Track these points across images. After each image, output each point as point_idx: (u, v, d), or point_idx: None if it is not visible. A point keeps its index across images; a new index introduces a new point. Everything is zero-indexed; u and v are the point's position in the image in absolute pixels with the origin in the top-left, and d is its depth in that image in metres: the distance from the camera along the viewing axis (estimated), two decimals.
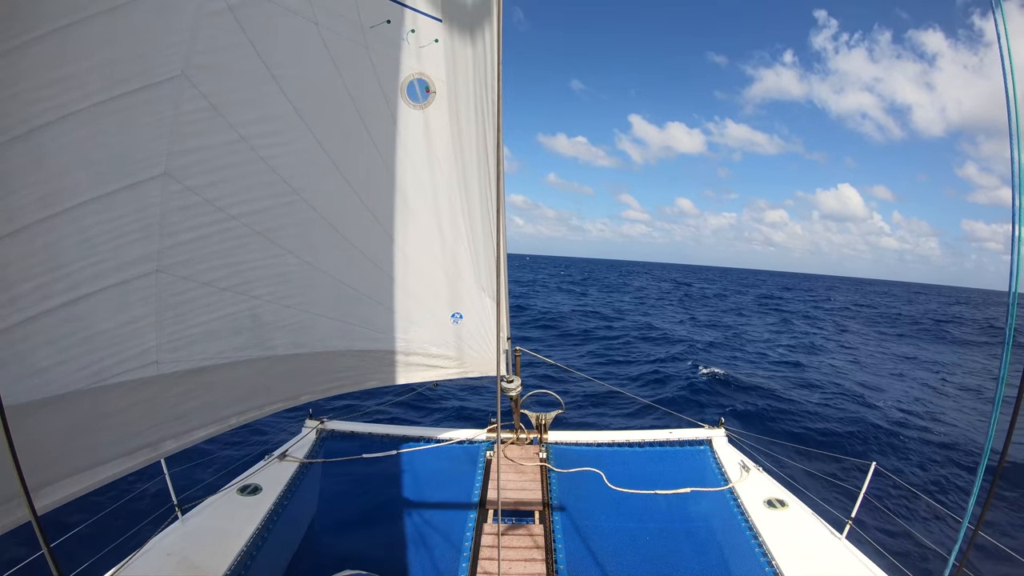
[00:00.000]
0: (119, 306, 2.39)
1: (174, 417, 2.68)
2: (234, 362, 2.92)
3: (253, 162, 2.77)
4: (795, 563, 3.14)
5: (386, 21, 3.10)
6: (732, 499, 3.84)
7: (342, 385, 3.66)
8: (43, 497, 2.19)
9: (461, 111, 3.50)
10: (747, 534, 3.45)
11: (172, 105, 2.40)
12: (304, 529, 3.64)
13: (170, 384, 2.63)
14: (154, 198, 2.42)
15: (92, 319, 2.30)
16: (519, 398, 4.69)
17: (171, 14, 2.34)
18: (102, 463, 2.39)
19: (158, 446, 2.61)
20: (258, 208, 2.85)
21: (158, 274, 2.51)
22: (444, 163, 3.60)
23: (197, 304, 2.69)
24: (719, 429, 4.75)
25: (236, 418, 3.01)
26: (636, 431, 4.91)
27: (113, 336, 2.39)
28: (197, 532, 3.38)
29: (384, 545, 3.51)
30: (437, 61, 3.33)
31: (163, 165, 2.43)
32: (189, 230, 2.58)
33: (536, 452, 4.58)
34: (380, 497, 4.04)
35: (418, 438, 4.77)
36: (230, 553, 3.18)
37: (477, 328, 4.13)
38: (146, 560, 3.10)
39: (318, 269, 3.25)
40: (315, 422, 4.97)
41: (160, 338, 2.57)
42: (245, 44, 2.61)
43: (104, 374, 2.37)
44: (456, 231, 3.81)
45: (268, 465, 4.22)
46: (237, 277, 2.85)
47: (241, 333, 2.93)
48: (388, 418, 8.56)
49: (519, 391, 4.49)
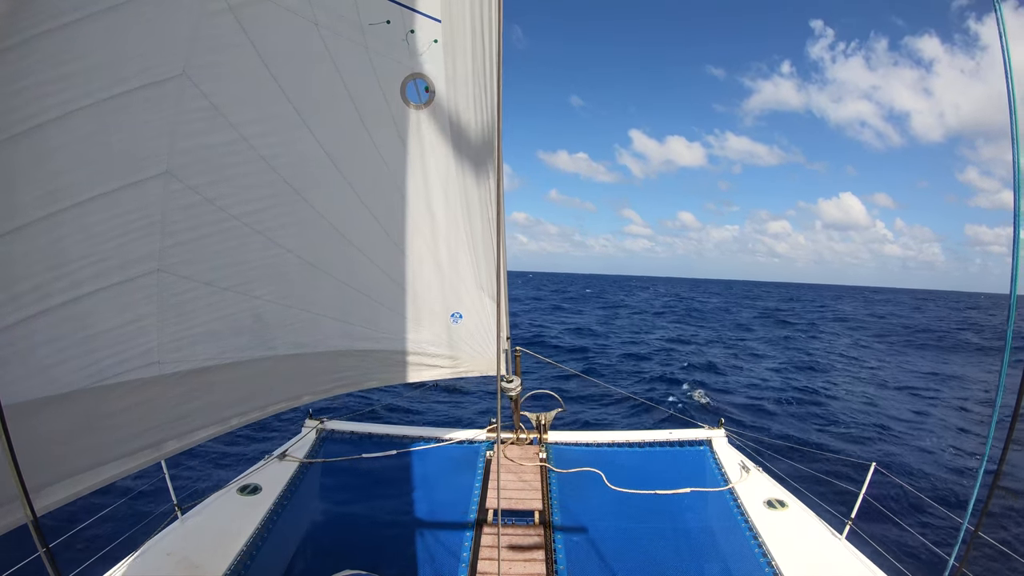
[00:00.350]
0: (121, 305, 2.39)
1: (176, 417, 2.68)
2: (236, 362, 2.92)
3: (254, 161, 2.77)
4: (795, 563, 3.14)
5: (386, 21, 3.10)
6: (732, 499, 3.83)
7: (343, 385, 3.67)
8: (43, 498, 2.18)
9: (461, 111, 3.49)
10: (747, 534, 3.45)
11: (173, 104, 2.41)
12: (304, 529, 3.64)
13: (172, 384, 2.63)
14: (156, 196, 2.43)
15: (94, 318, 2.30)
16: (519, 398, 4.69)
17: (172, 13, 2.34)
18: (103, 463, 2.39)
19: (160, 446, 2.61)
20: (259, 207, 2.85)
21: (160, 273, 2.51)
22: (444, 163, 3.60)
23: (199, 304, 2.69)
24: (719, 429, 4.75)
25: (238, 419, 3.01)
26: (636, 431, 4.91)
27: (115, 335, 2.39)
28: (197, 532, 3.38)
29: (384, 545, 3.50)
30: (437, 62, 3.33)
31: (165, 164, 2.43)
32: (190, 229, 2.59)
33: (536, 452, 4.58)
34: (380, 497, 4.04)
35: (418, 438, 4.77)
36: (230, 553, 3.18)
37: (477, 328, 4.13)
38: (146, 560, 3.10)
39: (319, 269, 3.25)
40: (315, 422, 4.97)
41: (162, 338, 2.57)
42: (246, 44, 2.61)
43: (105, 373, 2.36)
44: (456, 231, 3.81)
45: (268, 465, 4.22)
46: (238, 277, 2.85)
47: (243, 333, 2.93)
48: (388, 418, 8.55)
49: (519, 391, 4.49)
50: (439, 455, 4.57)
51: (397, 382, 3.96)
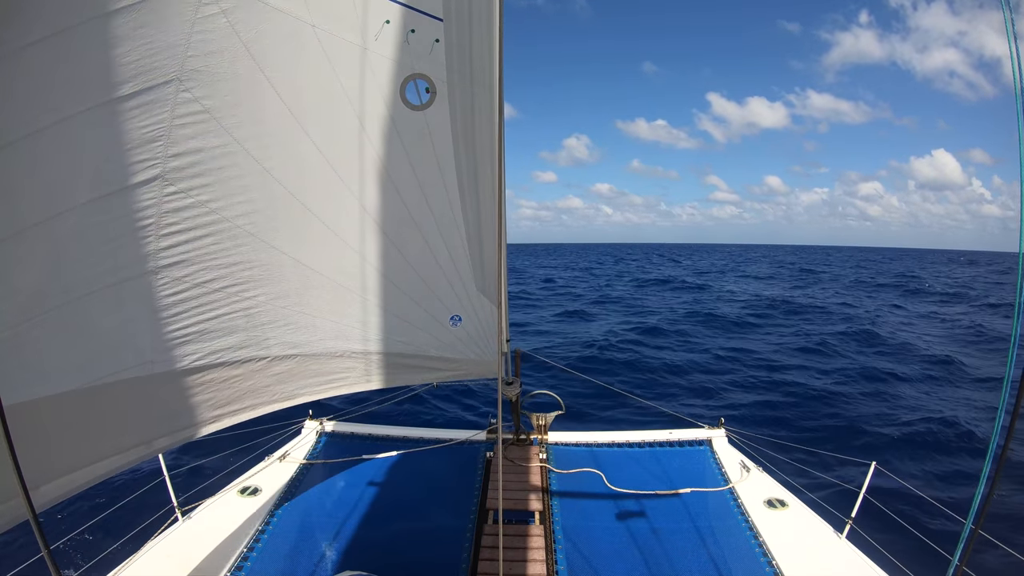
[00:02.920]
0: (115, 307, 2.41)
1: (168, 415, 2.70)
2: (228, 362, 2.93)
3: (248, 164, 2.78)
4: (795, 563, 3.13)
5: (385, 21, 3.10)
6: (732, 499, 3.83)
7: (340, 386, 3.67)
8: (40, 496, 2.20)
9: (462, 111, 3.49)
10: (747, 534, 3.45)
11: (167, 109, 2.43)
12: (304, 530, 3.64)
13: (164, 383, 2.65)
14: (149, 200, 2.45)
15: (88, 320, 2.32)
16: (519, 399, 4.69)
17: (165, 18, 2.35)
18: (97, 460, 2.41)
19: (151, 443, 2.64)
20: (253, 210, 2.86)
21: (153, 275, 2.53)
22: (444, 164, 3.59)
23: (191, 304, 2.71)
24: (719, 429, 4.75)
25: (229, 418, 3.03)
26: (636, 431, 4.90)
27: (109, 336, 2.40)
28: (197, 533, 3.39)
29: (384, 546, 3.50)
30: (438, 61, 3.32)
31: (158, 168, 2.45)
32: (184, 232, 2.61)
33: (536, 453, 4.58)
34: (380, 498, 4.04)
35: (418, 439, 4.77)
36: (230, 554, 3.18)
37: (477, 330, 4.12)
38: (146, 561, 3.10)
39: (314, 271, 3.25)
40: (315, 423, 4.97)
41: (155, 338, 2.59)
42: (239, 47, 2.62)
43: (100, 373, 2.38)
44: (456, 233, 3.81)
45: (268, 466, 4.22)
46: (231, 278, 2.86)
47: (235, 333, 2.94)
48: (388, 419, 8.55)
49: (519, 392, 4.49)
50: (439, 456, 4.57)
51: (396, 384, 3.96)
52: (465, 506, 3.88)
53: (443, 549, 3.43)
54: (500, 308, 2.78)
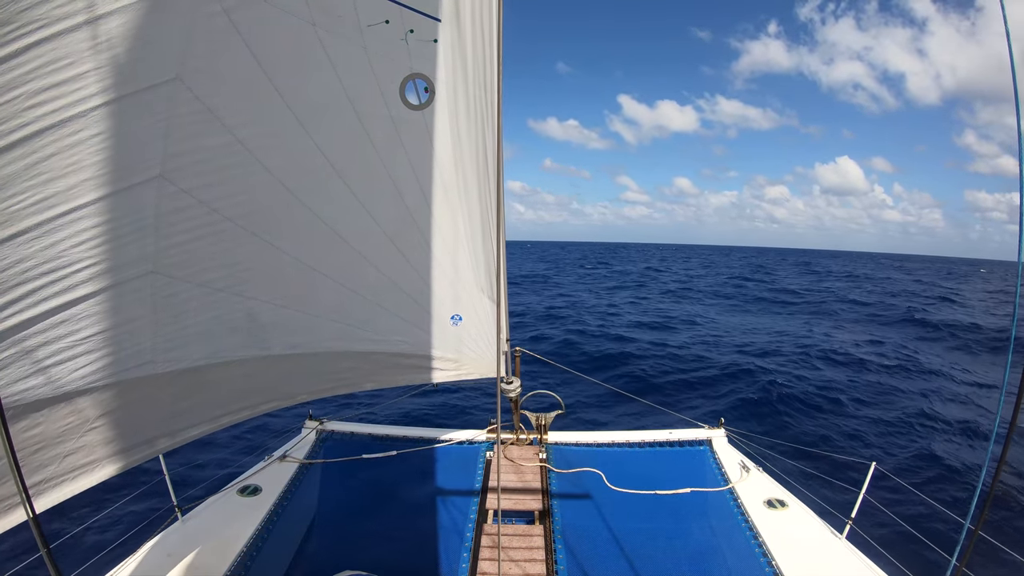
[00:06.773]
0: (115, 307, 2.40)
1: (169, 416, 2.70)
2: (229, 362, 2.93)
3: (249, 164, 2.77)
4: (795, 563, 3.13)
5: (384, 21, 3.10)
6: (732, 499, 3.83)
7: (340, 386, 3.67)
8: (41, 497, 2.20)
9: (460, 112, 3.49)
10: (747, 534, 3.45)
11: (167, 108, 2.42)
12: (304, 530, 3.64)
13: (165, 383, 2.64)
14: (149, 200, 2.44)
15: (88, 320, 2.31)
16: (519, 399, 4.69)
17: (165, 17, 2.34)
18: (99, 462, 2.41)
19: (152, 443, 2.64)
20: (254, 209, 2.85)
21: (154, 275, 2.52)
22: (443, 164, 3.59)
23: (192, 305, 2.70)
24: (719, 429, 4.75)
25: (229, 417, 3.03)
26: (636, 431, 4.90)
27: (110, 337, 2.40)
28: (197, 533, 3.39)
29: (384, 546, 3.50)
30: (436, 62, 3.32)
31: (158, 168, 2.44)
32: (184, 232, 2.60)
33: (536, 452, 4.58)
34: (380, 498, 4.04)
35: (418, 439, 4.77)
36: (230, 554, 3.18)
37: (477, 329, 4.12)
38: (146, 561, 3.10)
39: (315, 270, 3.25)
40: (315, 423, 4.97)
41: (156, 338, 2.58)
42: (240, 46, 2.61)
43: (101, 374, 2.38)
44: (456, 232, 3.81)
45: (268, 466, 4.22)
46: (233, 278, 2.86)
47: (236, 333, 2.94)
48: (388, 419, 8.55)
49: (518, 392, 4.49)
50: (439, 456, 4.57)
51: (396, 384, 3.96)
52: (465, 506, 3.88)
53: (443, 549, 3.43)
54: (499, 306, 2.78)
